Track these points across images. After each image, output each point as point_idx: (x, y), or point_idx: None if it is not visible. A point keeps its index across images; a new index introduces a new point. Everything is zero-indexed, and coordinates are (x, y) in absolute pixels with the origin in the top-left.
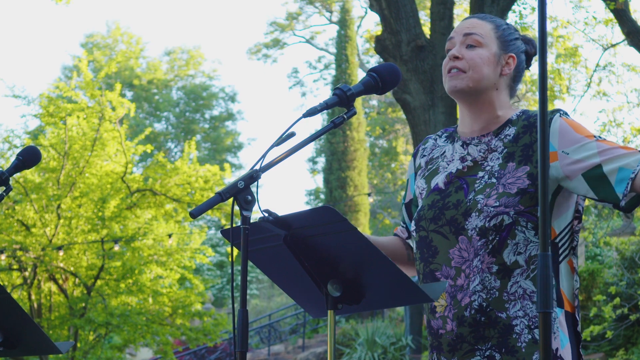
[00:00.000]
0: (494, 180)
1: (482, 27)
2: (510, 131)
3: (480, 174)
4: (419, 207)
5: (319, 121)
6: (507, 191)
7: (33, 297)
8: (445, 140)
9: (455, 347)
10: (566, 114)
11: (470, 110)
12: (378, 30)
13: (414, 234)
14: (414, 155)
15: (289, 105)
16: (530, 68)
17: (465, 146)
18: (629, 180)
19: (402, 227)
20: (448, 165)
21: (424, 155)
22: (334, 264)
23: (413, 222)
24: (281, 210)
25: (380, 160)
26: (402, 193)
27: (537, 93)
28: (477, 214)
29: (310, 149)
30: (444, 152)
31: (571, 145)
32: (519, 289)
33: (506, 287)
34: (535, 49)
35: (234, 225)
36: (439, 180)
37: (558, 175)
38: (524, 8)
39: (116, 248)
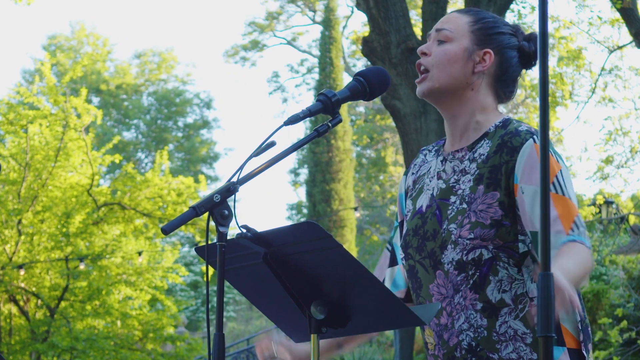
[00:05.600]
0: (465, 205)
1: (456, 21)
2: (485, 149)
3: (453, 198)
4: (404, 231)
5: (301, 129)
6: (480, 221)
7: None
8: (433, 155)
9: None
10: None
11: (446, 114)
12: (365, 31)
13: (403, 261)
14: (406, 173)
15: (269, 112)
16: (529, 68)
17: (443, 162)
18: None
19: (387, 249)
20: (430, 182)
21: (414, 173)
22: (318, 284)
23: (401, 248)
24: (260, 226)
25: (367, 172)
26: (392, 208)
27: (538, 99)
28: (452, 246)
29: (292, 159)
30: (430, 168)
31: (530, 184)
32: (509, 329)
33: (495, 327)
34: (534, 47)
35: (209, 242)
36: (423, 202)
37: (520, 211)
38: (523, 7)
39: (82, 267)
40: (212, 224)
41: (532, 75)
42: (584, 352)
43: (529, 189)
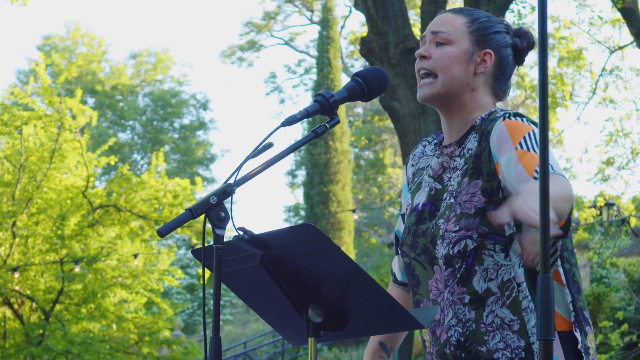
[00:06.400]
0: (452, 200)
1: (452, 22)
2: (473, 144)
3: (445, 196)
4: (403, 228)
5: (299, 131)
6: (465, 212)
7: None
8: (433, 149)
9: None
10: (515, 115)
11: (445, 115)
12: (363, 31)
13: (400, 257)
14: (406, 164)
15: (266, 113)
16: (522, 64)
17: (435, 158)
18: None
19: (396, 237)
20: (428, 179)
21: (413, 165)
22: (316, 286)
23: (398, 245)
24: (258, 228)
25: (365, 174)
26: (391, 209)
27: (537, 100)
28: (441, 241)
29: (290, 161)
30: (429, 163)
31: (503, 155)
32: (495, 318)
33: (482, 318)
34: (527, 42)
35: (205, 244)
36: (420, 199)
37: (504, 185)
38: (523, 7)
39: (77, 269)
40: (208, 226)
41: (532, 76)
42: (575, 334)
43: (502, 160)
